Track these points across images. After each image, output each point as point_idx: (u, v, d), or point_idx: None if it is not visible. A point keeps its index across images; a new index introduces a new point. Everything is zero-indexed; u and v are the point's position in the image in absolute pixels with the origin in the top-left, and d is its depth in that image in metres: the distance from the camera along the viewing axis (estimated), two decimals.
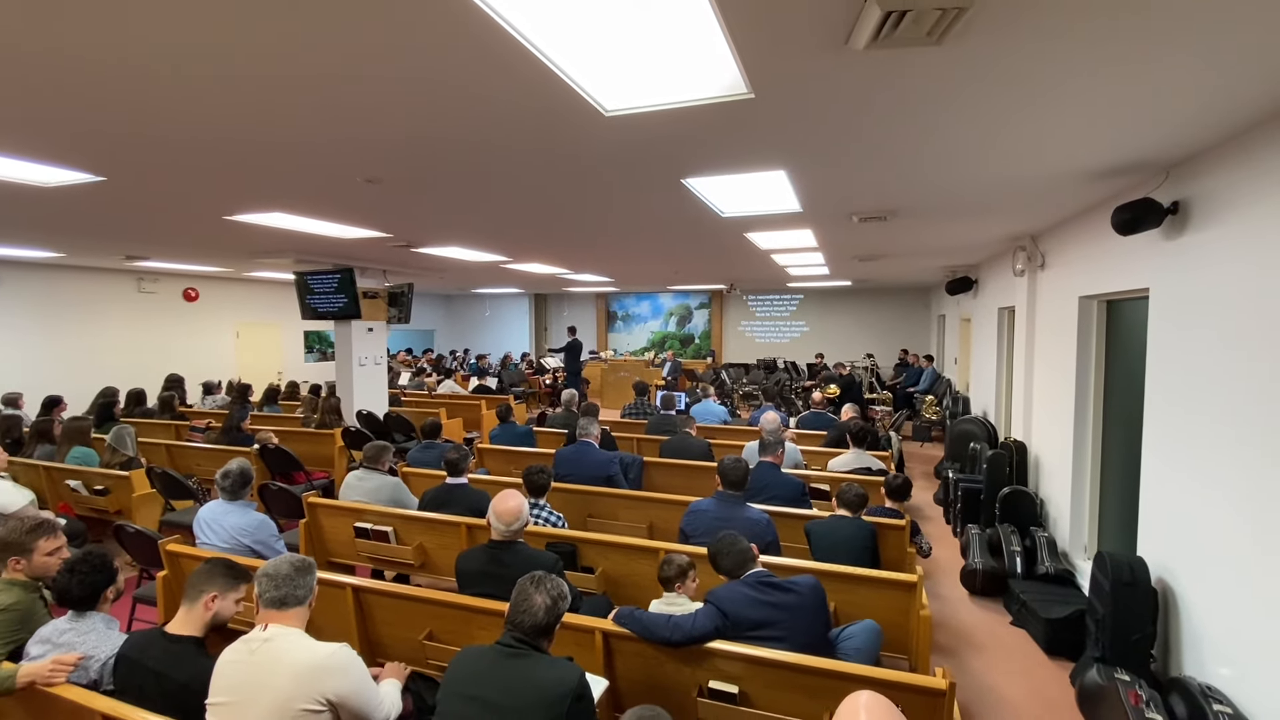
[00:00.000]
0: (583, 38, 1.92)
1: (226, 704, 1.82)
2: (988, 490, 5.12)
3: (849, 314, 14.27)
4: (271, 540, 3.36)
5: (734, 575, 2.48)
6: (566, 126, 2.72)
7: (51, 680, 2.05)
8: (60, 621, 2.27)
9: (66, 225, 5.27)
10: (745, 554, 2.51)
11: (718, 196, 4.13)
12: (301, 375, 11.73)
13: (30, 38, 1.90)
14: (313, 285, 7.40)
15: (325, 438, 6.34)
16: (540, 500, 3.61)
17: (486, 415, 8.38)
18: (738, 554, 2.50)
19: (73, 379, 8.30)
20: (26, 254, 7.43)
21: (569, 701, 1.76)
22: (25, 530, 2.42)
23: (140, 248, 6.81)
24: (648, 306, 16.13)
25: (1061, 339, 4.74)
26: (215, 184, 3.78)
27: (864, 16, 1.73)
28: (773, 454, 4.14)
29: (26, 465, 5.01)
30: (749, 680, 2.26)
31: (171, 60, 2.06)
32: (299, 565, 2.00)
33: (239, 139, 2.92)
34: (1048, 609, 3.81)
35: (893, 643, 2.96)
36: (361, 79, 2.22)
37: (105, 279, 9.28)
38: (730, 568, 2.49)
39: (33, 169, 3.38)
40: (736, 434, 6.43)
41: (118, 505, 4.65)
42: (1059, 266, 5.01)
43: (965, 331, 9.45)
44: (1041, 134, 2.79)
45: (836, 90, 2.30)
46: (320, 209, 4.56)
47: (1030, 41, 1.89)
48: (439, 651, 2.66)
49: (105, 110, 2.54)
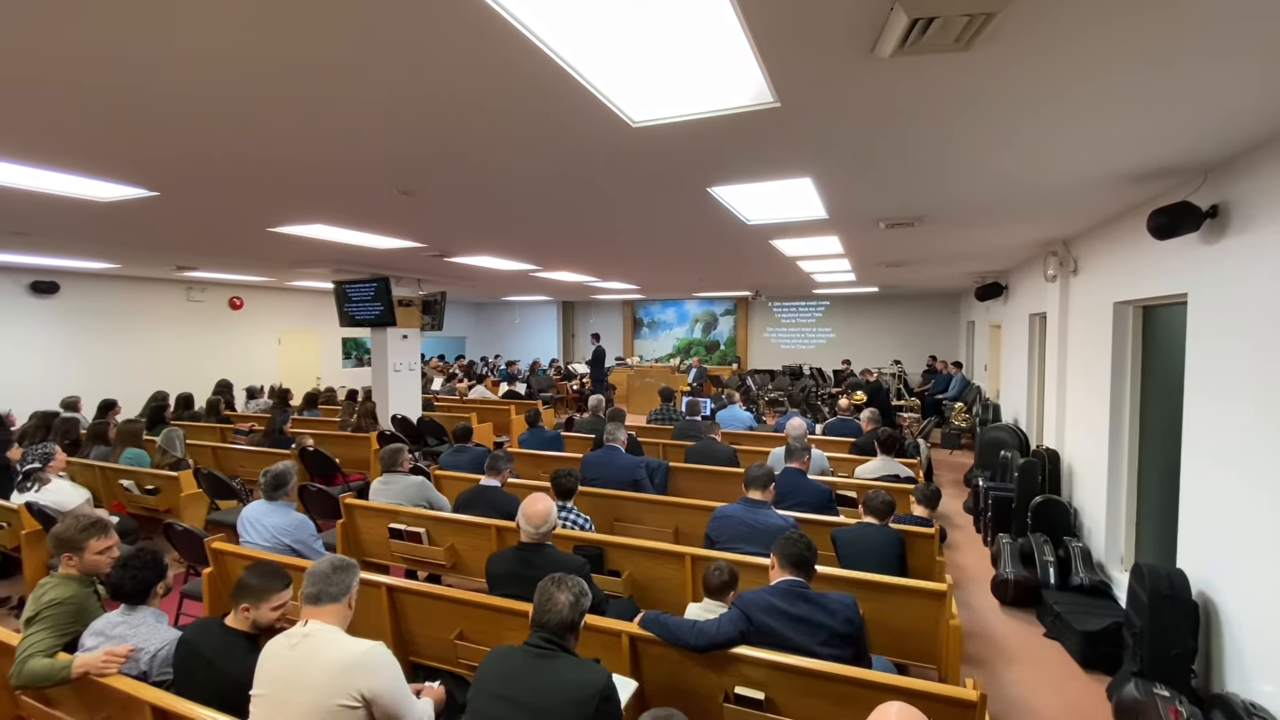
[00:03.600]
0: (610, 51, 1.97)
1: (267, 696, 1.91)
2: (1019, 499, 5.02)
3: (876, 320, 14.09)
4: (310, 539, 3.48)
5: (800, 570, 2.42)
6: (595, 138, 2.78)
7: (104, 671, 2.14)
8: (113, 615, 2.37)
9: (122, 237, 5.55)
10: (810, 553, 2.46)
11: (743, 204, 4.16)
12: (339, 381, 12.09)
13: (96, 73, 2.04)
14: (350, 294, 7.64)
15: (361, 441, 6.51)
16: (568, 503, 3.67)
17: (516, 420, 8.49)
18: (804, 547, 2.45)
19: (126, 383, 8.69)
20: (85, 265, 7.82)
21: (597, 702, 1.80)
22: (79, 529, 2.51)
23: (189, 258, 7.11)
24: (673, 313, 16.17)
25: (1096, 345, 4.64)
26: (260, 198, 3.96)
27: (890, 24, 1.74)
28: (799, 460, 4.14)
29: (83, 465, 5.26)
30: (775, 686, 2.27)
31: (224, 86, 2.19)
32: (338, 564, 2.07)
33: (283, 156, 3.06)
34: (1083, 621, 3.72)
35: (922, 653, 2.94)
36: (398, 97, 2.32)
37: (157, 288, 9.71)
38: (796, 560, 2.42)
39: (92, 185, 3.59)
40: (762, 440, 6.42)
41: (167, 504, 4.85)
42: (1092, 272, 4.91)
43: (995, 338, 9.27)
44: (1073, 138, 2.77)
45: (863, 98, 2.32)
46: (358, 220, 4.73)
47: (1061, 44, 1.88)
48: (469, 651, 2.73)
49: (160, 132, 2.70)
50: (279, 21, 1.76)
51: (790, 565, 2.42)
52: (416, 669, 2.93)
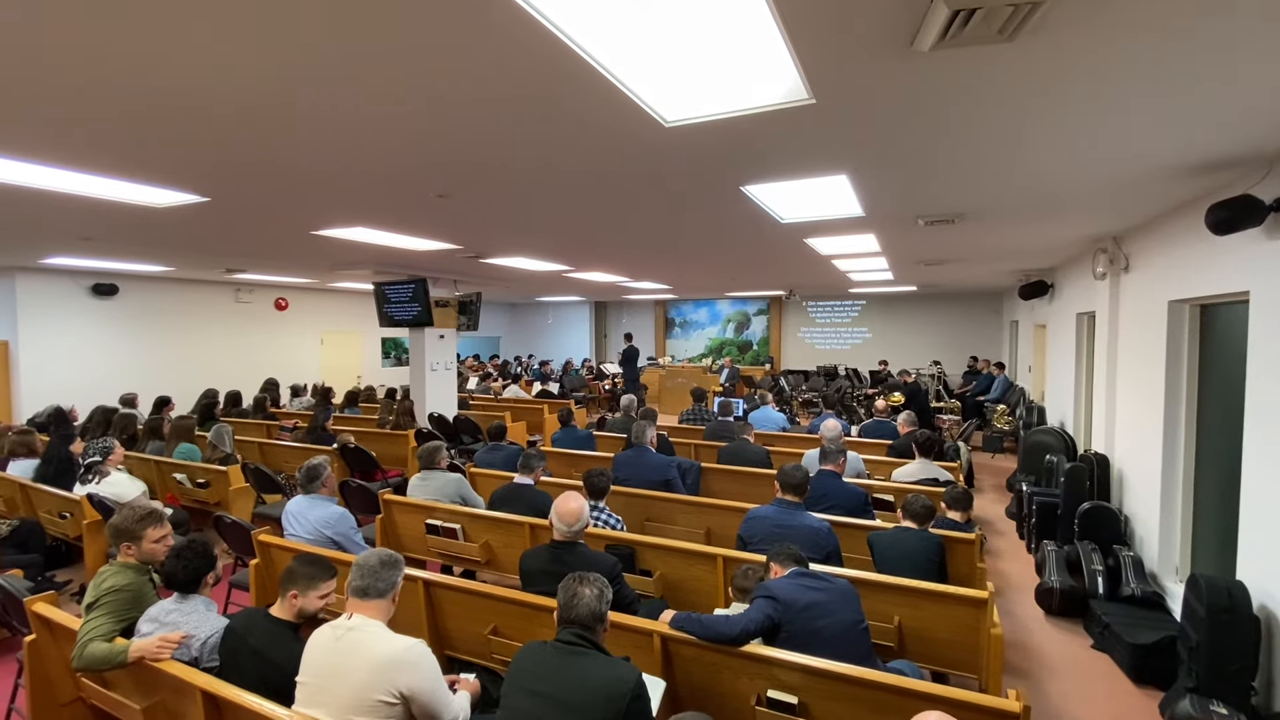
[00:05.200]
0: (643, 51, 1.98)
1: (312, 684, 1.97)
2: (1066, 505, 4.85)
3: (914, 320, 13.78)
4: (350, 533, 3.57)
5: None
6: (628, 139, 2.79)
7: (158, 656, 2.23)
8: (166, 602, 2.47)
9: (175, 241, 5.80)
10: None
11: (777, 203, 4.12)
12: (378, 379, 12.42)
13: (157, 89, 2.14)
14: (389, 295, 7.83)
15: (400, 438, 6.66)
16: (600, 503, 3.69)
17: (548, 419, 8.58)
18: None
19: (179, 380, 9.09)
20: (141, 268, 8.20)
21: (627, 700, 1.81)
22: (136, 519, 2.62)
23: (238, 260, 7.39)
24: (705, 313, 16.10)
25: (1149, 346, 4.45)
26: (305, 202, 4.09)
27: (930, 17, 1.70)
28: (834, 462, 4.07)
29: (140, 459, 5.51)
30: (809, 691, 2.24)
31: (272, 96, 2.27)
32: (386, 560, 2.11)
33: (326, 161, 3.16)
34: (1134, 633, 3.58)
35: (961, 661, 2.86)
36: (436, 103, 2.37)
37: (207, 290, 10.12)
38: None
39: (149, 192, 3.76)
40: (795, 441, 6.34)
41: (216, 497, 5.05)
42: (1145, 269, 4.71)
43: (1040, 338, 8.98)
44: (1125, 130, 2.66)
45: (901, 93, 2.27)
46: (396, 223, 4.84)
47: (1112, 30, 1.80)
48: (503, 646, 2.76)
49: (212, 141, 2.81)
50: (327, 36, 1.82)
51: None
52: (451, 662, 2.99)
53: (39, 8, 1.67)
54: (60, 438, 5.12)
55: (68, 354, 8.54)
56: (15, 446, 5.08)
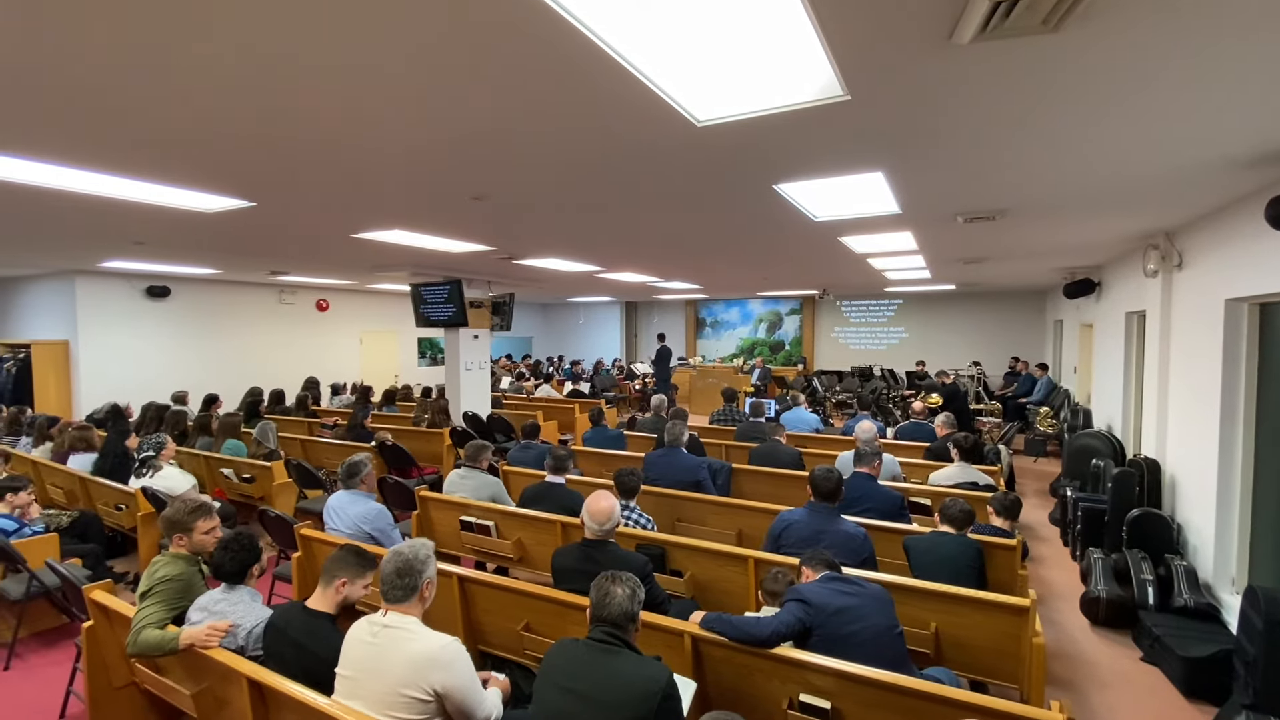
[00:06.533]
0: (674, 50, 1.97)
1: (350, 677, 2.02)
2: (1113, 511, 4.67)
3: (953, 319, 13.43)
4: (388, 528, 3.66)
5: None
6: (660, 139, 2.80)
7: (207, 643, 2.33)
8: (215, 592, 2.57)
9: (223, 244, 6.02)
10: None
11: (810, 201, 4.06)
12: (415, 378, 12.69)
13: (212, 105, 2.23)
14: (425, 295, 8.00)
15: (435, 436, 6.79)
16: (630, 502, 3.70)
17: (580, 418, 8.63)
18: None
19: (225, 379, 9.44)
20: (192, 271, 8.55)
21: (658, 700, 1.81)
22: (187, 511, 2.73)
23: (281, 263, 7.64)
24: (737, 313, 15.99)
25: (1204, 346, 4.25)
26: (345, 205, 4.20)
27: (970, 9, 1.66)
28: (869, 465, 4.00)
29: (190, 454, 5.74)
30: (842, 697, 2.21)
31: (316, 104, 2.34)
32: (402, 568, 2.08)
33: (366, 166, 3.24)
34: (1186, 646, 3.42)
35: (1001, 671, 2.78)
36: (473, 109, 2.41)
37: (253, 292, 10.49)
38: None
39: (199, 197, 3.91)
40: (829, 443, 6.25)
41: (261, 492, 5.22)
42: (1200, 266, 4.50)
43: (1086, 338, 8.67)
44: (1178, 120, 2.55)
45: (939, 87, 2.22)
46: (433, 225, 4.94)
47: (1165, 18, 1.73)
48: (535, 643, 2.80)
49: (260, 148, 2.91)
50: (370, 49, 1.87)
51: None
52: (484, 657, 3.03)
53: (155, 62, 1.76)
54: (117, 433, 5.36)
55: (123, 353, 8.96)
56: (75, 441, 5.33)
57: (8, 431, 6.42)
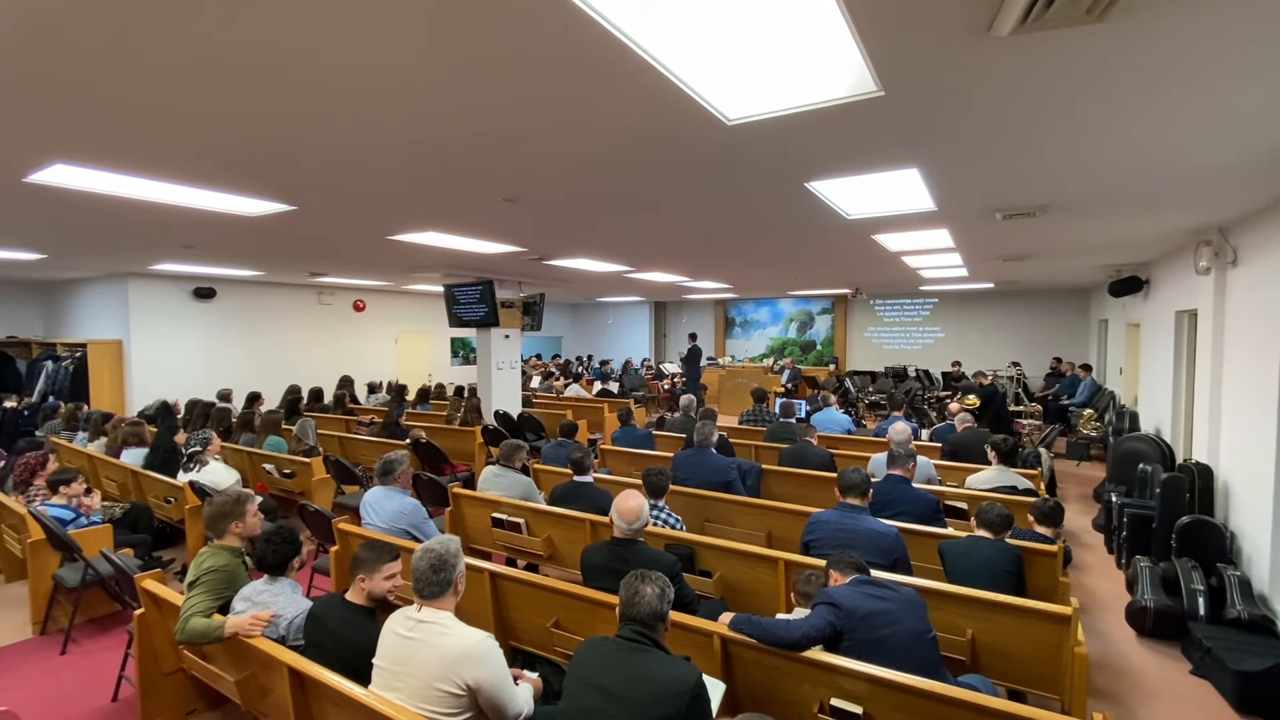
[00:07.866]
0: (704, 49, 1.97)
1: (386, 669, 2.07)
2: (1162, 518, 4.49)
3: (991, 319, 13.08)
4: (423, 523, 3.73)
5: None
6: (690, 138, 2.79)
7: (250, 632, 2.41)
8: (258, 583, 2.66)
9: (266, 247, 6.22)
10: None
11: (843, 198, 4.01)
12: (448, 377, 12.93)
13: (275, 124, 2.31)
14: (458, 296, 8.14)
15: (467, 434, 6.90)
16: (659, 502, 3.70)
17: (609, 418, 8.68)
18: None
19: (267, 377, 9.73)
20: (236, 273, 8.86)
21: (687, 699, 1.80)
22: (234, 500, 2.85)
23: (320, 264, 7.85)
24: (767, 313, 15.85)
25: (1261, 346, 4.06)
26: (382, 208, 4.30)
27: (1009, 0, 1.62)
28: (902, 467, 3.92)
29: (234, 450, 5.94)
30: (874, 702, 2.17)
31: (356, 113, 2.40)
32: (435, 564, 2.12)
33: (404, 171, 3.31)
34: (1239, 660, 3.28)
35: (1041, 680, 2.70)
36: (507, 113, 2.44)
37: (293, 293, 10.82)
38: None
39: (243, 202, 4.05)
40: (861, 445, 6.15)
41: (300, 487, 5.38)
42: (1256, 263, 4.30)
43: (1133, 338, 8.36)
44: (1231, 109, 2.44)
45: (976, 81, 2.17)
46: (466, 227, 5.03)
47: (1218, 3, 1.66)
48: (564, 640, 2.82)
49: (302, 155, 3.00)
50: (410, 49, 1.91)
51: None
52: (515, 653, 3.07)
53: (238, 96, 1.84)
54: (166, 429, 5.58)
55: (172, 352, 9.33)
56: (128, 437, 5.57)
57: (65, 426, 6.74)
